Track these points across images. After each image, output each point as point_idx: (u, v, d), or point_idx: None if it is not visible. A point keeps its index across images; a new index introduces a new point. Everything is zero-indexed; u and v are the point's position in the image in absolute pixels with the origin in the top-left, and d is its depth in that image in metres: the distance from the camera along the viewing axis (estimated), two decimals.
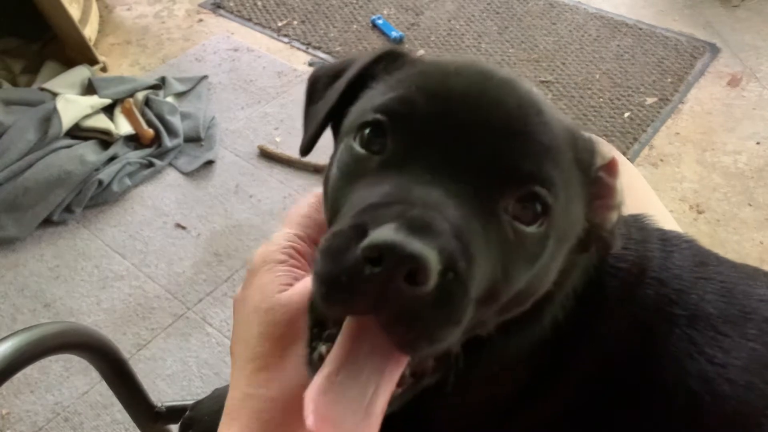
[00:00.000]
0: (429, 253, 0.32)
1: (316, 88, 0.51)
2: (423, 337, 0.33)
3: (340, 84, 0.47)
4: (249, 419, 0.42)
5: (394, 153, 0.39)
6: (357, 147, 0.41)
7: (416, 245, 0.31)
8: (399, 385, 0.38)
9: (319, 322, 0.41)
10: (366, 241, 0.32)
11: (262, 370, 0.43)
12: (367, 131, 0.41)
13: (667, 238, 0.53)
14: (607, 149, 0.46)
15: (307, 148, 0.49)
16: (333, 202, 0.42)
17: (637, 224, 0.54)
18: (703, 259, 0.51)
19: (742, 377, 0.44)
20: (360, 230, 0.33)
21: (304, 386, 0.38)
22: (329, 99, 0.47)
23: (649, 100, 2.23)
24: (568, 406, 0.48)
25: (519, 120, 0.40)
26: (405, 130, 0.39)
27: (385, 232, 0.32)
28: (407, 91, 0.41)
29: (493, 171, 0.38)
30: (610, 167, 0.45)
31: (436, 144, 0.38)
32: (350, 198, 0.39)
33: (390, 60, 0.47)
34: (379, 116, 0.40)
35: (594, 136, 0.46)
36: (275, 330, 0.44)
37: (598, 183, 0.45)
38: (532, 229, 0.39)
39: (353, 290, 0.33)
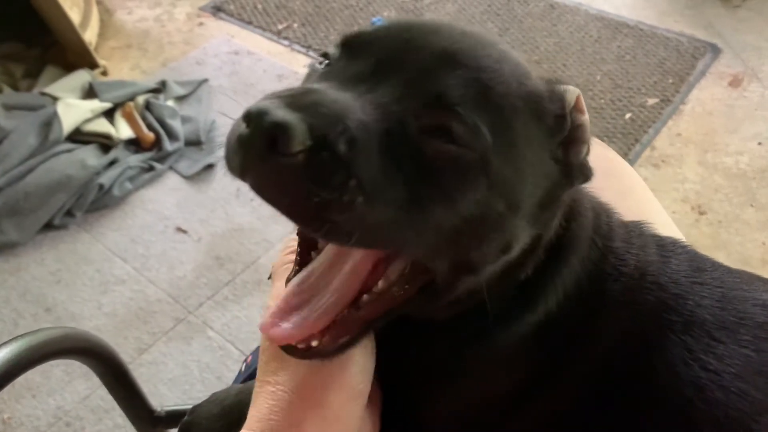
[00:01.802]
0: (294, 122, 0.34)
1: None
2: (298, 203, 0.36)
3: None
4: (261, 404, 0.45)
5: (331, 68, 0.43)
6: (316, 65, 0.45)
7: (280, 113, 0.34)
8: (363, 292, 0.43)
9: (306, 249, 0.46)
10: (245, 109, 0.35)
11: (274, 359, 0.47)
12: (323, 60, 0.45)
13: (663, 244, 0.53)
14: (571, 91, 0.46)
15: None
16: None
17: (637, 230, 0.54)
18: (700, 265, 0.51)
19: (735, 384, 0.44)
20: (248, 112, 0.36)
21: (311, 374, 0.44)
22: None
23: (651, 101, 2.22)
24: (565, 408, 0.48)
25: (458, 51, 0.42)
26: (347, 52, 0.43)
27: (262, 102, 0.35)
28: (362, 29, 0.45)
29: (411, 88, 0.40)
30: (577, 105, 0.46)
31: (369, 62, 0.41)
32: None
33: None
34: (331, 49, 0.44)
35: (560, 82, 0.47)
36: None
37: (572, 126, 0.46)
38: (451, 147, 0.39)
39: (234, 152, 0.37)
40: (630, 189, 0.79)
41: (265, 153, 0.34)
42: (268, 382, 0.46)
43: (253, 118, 0.35)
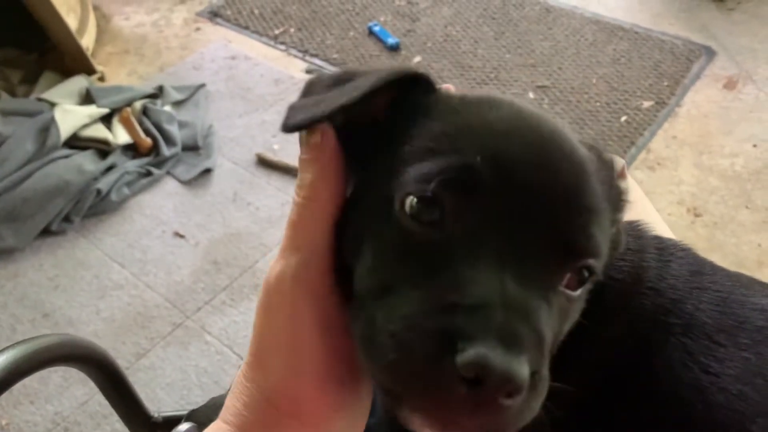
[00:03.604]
0: (525, 370, 0.33)
1: (312, 89, 0.48)
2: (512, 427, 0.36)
3: (362, 84, 0.42)
4: (234, 403, 0.44)
5: (457, 232, 0.37)
6: (407, 220, 0.38)
7: (515, 367, 0.32)
8: None
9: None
10: (464, 360, 0.32)
11: (252, 363, 0.45)
12: (415, 201, 0.38)
13: (664, 247, 0.53)
14: (617, 160, 0.47)
15: (293, 128, 0.44)
16: (378, 275, 0.40)
17: (634, 232, 0.54)
18: (699, 268, 0.52)
19: (735, 386, 0.44)
20: (448, 338, 0.33)
21: (283, 380, 0.42)
22: (341, 94, 0.43)
23: (646, 104, 2.23)
24: (564, 413, 0.49)
25: (575, 191, 0.40)
26: (468, 205, 0.37)
27: (481, 351, 0.32)
28: (465, 158, 0.38)
29: (558, 253, 0.38)
30: (621, 174, 0.47)
31: (502, 223, 0.37)
32: (404, 275, 0.38)
33: (420, 89, 0.44)
34: (436, 188, 0.37)
35: (603, 149, 0.47)
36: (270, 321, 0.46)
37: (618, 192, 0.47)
38: (578, 293, 0.41)
39: (442, 401, 0.33)
40: None
41: (497, 406, 0.33)
42: (241, 384, 0.45)
43: (485, 375, 0.32)
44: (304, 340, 0.42)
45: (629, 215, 0.57)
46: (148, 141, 2.08)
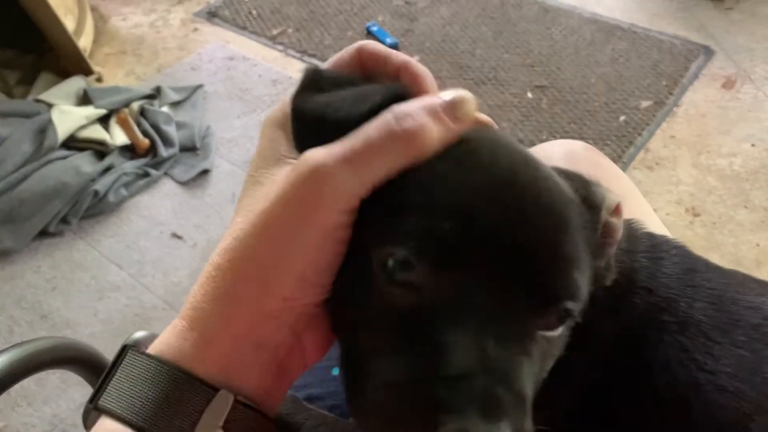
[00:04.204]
0: None
1: (320, 84, 0.44)
2: None
3: (360, 108, 0.39)
4: (199, 286, 0.42)
5: (434, 297, 0.36)
6: (384, 280, 0.37)
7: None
8: None
9: None
10: None
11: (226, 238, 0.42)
12: (391, 260, 0.36)
13: (656, 244, 0.53)
14: (612, 199, 0.44)
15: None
16: (360, 327, 0.39)
17: (626, 231, 0.53)
18: (692, 266, 0.51)
19: (732, 384, 0.44)
20: (431, 410, 0.33)
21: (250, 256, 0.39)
22: (350, 108, 0.40)
23: (645, 104, 2.23)
24: (559, 416, 0.48)
25: (554, 245, 0.38)
26: (443, 272, 0.36)
27: (461, 423, 0.32)
28: (437, 224, 0.36)
29: (534, 303, 0.38)
30: (617, 211, 0.45)
31: (480, 287, 0.36)
32: (381, 340, 0.38)
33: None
34: (404, 251, 0.36)
35: (598, 185, 0.45)
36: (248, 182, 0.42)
37: (605, 229, 0.45)
38: (557, 332, 0.40)
39: None
40: (622, 194, 0.79)
41: None
42: (211, 261, 0.41)
43: None
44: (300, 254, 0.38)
45: (626, 214, 0.57)
46: (146, 142, 2.08)
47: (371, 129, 0.37)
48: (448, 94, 0.39)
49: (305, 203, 0.37)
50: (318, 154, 0.37)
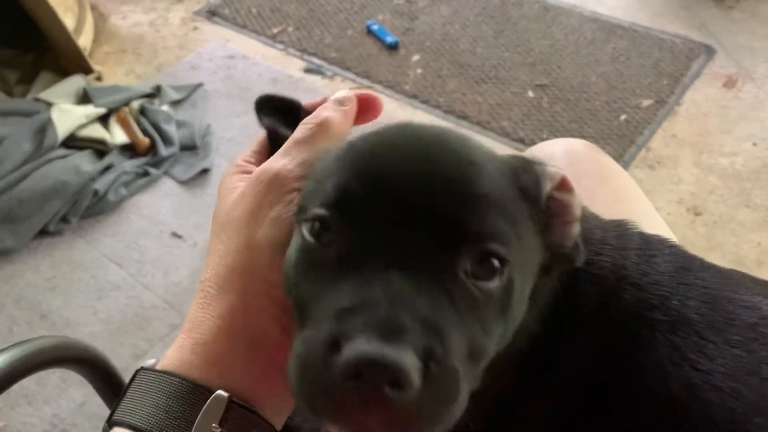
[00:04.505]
0: (405, 356, 0.32)
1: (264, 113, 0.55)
2: (427, 427, 0.35)
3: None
4: (199, 295, 0.48)
5: (344, 246, 0.39)
6: (309, 238, 0.41)
7: (391, 353, 0.32)
8: None
9: None
10: (342, 359, 0.33)
11: (208, 255, 0.50)
12: (316, 224, 0.41)
13: (648, 242, 0.52)
14: (554, 171, 0.46)
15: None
16: (296, 298, 0.42)
17: (617, 230, 0.53)
18: (686, 265, 0.51)
19: (728, 384, 0.43)
20: (333, 342, 0.34)
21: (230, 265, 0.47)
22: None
23: (646, 103, 2.22)
24: (550, 416, 0.48)
25: (455, 181, 0.40)
26: (348, 221, 0.40)
27: (357, 346, 0.33)
28: (340, 180, 0.41)
29: (443, 240, 0.38)
30: (562, 185, 0.46)
31: (384, 228, 0.39)
32: (312, 296, 0.40)
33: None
34: (321, 211, 0.41)
35: (540, 162, 0.46)
36: (217, 217, 0.51)
37: (552, 204, 0.45)
38: (495, 283, 0.39)
39: (343, 407, 0.34)
40: (623, 193, 0.79)
41: (393, 393, 0.32)
42: (202, 280, 0.49)
43: (363, 368, 0.32)
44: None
45: (626, 215, 0.57)
46: (146, 141, 2.07)
47: (296, 133, 0.50)
48: (334, 96, 0.52)
49: (261, 197, 0.47)
50: (265, 164, 0.49)
